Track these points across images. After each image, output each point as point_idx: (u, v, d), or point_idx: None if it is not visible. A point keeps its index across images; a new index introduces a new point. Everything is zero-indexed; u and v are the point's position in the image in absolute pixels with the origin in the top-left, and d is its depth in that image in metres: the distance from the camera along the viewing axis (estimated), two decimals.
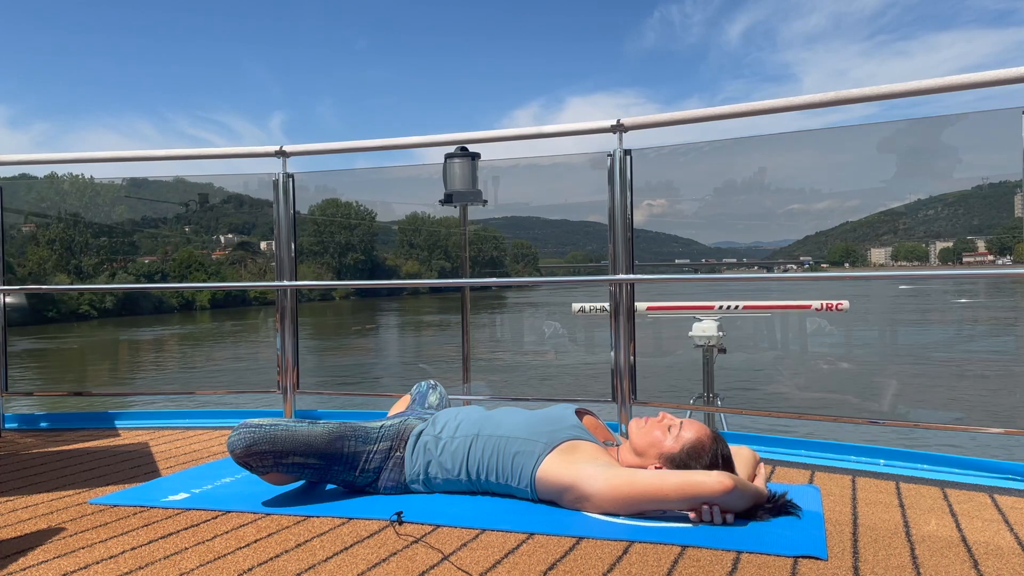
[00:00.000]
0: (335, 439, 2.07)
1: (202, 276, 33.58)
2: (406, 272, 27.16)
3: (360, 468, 2.10)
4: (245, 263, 35.39)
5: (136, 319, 30.90)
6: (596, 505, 1.88)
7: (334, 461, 2.07)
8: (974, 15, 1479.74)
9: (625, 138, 2.93)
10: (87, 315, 30.89)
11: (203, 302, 32.65)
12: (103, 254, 33.40)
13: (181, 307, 32.88)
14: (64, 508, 2.04)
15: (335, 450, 2.07)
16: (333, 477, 2.10)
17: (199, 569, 1.57)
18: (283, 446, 2.01)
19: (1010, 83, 2.27)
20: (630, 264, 2.94)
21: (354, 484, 2.12)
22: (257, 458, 1.99)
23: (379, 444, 2.13)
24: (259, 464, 2.01)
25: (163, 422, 3.37)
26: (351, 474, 2.10)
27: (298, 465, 2.04)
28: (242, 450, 1.98)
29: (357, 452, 2.10)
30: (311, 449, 2.04)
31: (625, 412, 2.93)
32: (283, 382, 3.37)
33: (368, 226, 28.70)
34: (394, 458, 2.13)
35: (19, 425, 3.41)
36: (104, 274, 32.31)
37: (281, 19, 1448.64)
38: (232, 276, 34.35)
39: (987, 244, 12.97)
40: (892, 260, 14.15)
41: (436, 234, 23.43)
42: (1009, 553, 1.63)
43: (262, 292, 31.04)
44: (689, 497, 1.78)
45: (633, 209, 2.95)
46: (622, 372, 2.94)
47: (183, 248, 35.69)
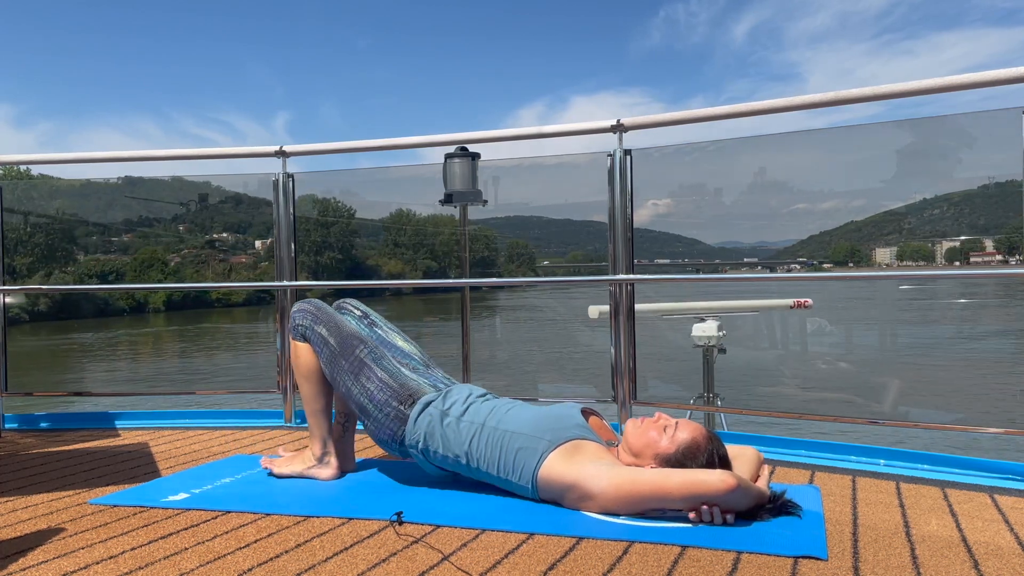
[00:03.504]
0: (353, 338, 2.24)
1: (158, 276, 30.99)
2: (388, 272, 26.59)
3: (361, 383, 2.17)
4: (209, 263, 33.01)
5: (75, 323, 27.02)
6: (599, 504, 1.88)
7: (344, 355, 2.21)
8: (980, 14, 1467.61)
9: (628, 138, 2.93)
10: (17, 319, 27.91)
11: (157, 304, 29.85)
12: (37, 252, 30.49)
13: (132, 309, 30.12)
14: (64, 508, 2.04)
15: (348, 347, 2.22)
16: (338, 372, 2.21)
17: (199, 569, 1.57)
18: (323, 317, 2.28)
19: (1010, 83, 2.26)
20: (630, 264, 2.94)
21: (351, 394, 2.18)
22: (302, 314, 2.30)
23: (389, 379, 2.17)
24: (300, 320, 2.29)
25: (163, 422, 3.37)
26: (352, 380, 2.18)
27: (322, 338, 2.25)
28: (301, 303, 2.35)
29: (364, 363, 2.19)
30: (336, 331, 2.25)
31: (625, 412, 2.94)
32: (283, 382, 3.37)
33: (346, 223, 27.92)
34: (395, 408, 2.14)
35: (19, 425, 3.41)
36: (39, 274, 29.81)
37: (284, 19, 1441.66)
38: (192, 277, 31.66)
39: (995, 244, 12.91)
40: (897, 260, 14.09)
41: (422, 233, 23.02)
42: (1009, 553, 1.63)
43: (226, 294, 29.52)
44: (693, 495, 1.78)
45: (633, 209, 2.95)
46: (622, 372, 2.94)
47: (143, 248, 33.37)
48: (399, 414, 2.14)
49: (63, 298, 26.25)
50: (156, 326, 29.17)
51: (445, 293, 17.88)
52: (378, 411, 2.15)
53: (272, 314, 3.51)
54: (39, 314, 26.51)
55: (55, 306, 26.72)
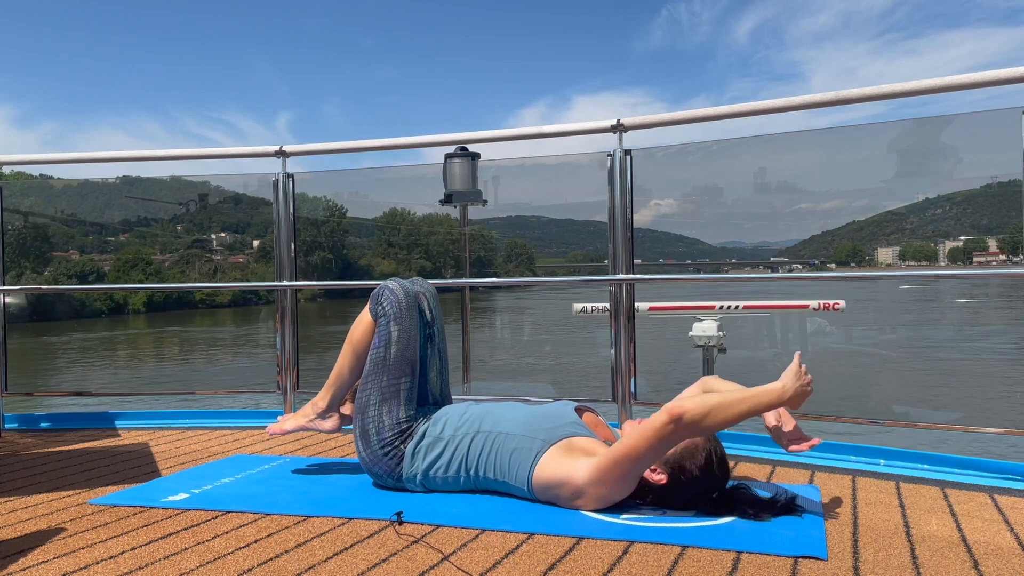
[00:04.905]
0: (407, 364, 2.17)
1: (139, 277, 29.86)
2: (380, 272, 26.06)
3: (382, 410, 2.14)
4: (194, 263, 31.76)
5: (52, 325, 25.04)
6: (591, 496, 1.88)
7: (389, 370, 2.16)
8: (984, 13, 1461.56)
9: (628, 138, 2.93)
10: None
11: (137, 305, 28.62)
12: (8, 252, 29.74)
13: (111, 311, 28.33)
14: (64, 508, 2.04)
15: (398, 369, 2.16)
16: (374, 378, 2.17)
17: (199, 569, 1.57)
18: (404, 317, 2.19)
19: (1010, 83, 2.26)
20: (630, 264, 2.94)
21: (366, 408, 2.16)
22: (391, 301, 2.20)
23: (404, 422, 2.14)
24: (386, 304, 2.20)
25: (163, 422, 3.37)
26: (377, 399, 2.15)
27: (387, 337, 2.18)
28: (398, 285, 2.23)
29: (397, 395, 2.15)
30: (402, 343, 2.17)
31: (625, 412, 2.94)
32: (283, 382, 3.37)
33: (337, 223, 27.22)
34: (397, 449, 2.12)
35: (19, 425, 3.41)
36: (10, 274, 28.41)
37: (287, 18, 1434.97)
38: (173, 278, 30.58)
39: (999, 243, 12.85)
40: (900, 260, 14.00)
41: (416, 232, 22.69)
42: (1009, 553, 1.63)
43: (210, 294, 28.61)
44: (655, 439, 1.80)
45: (633, 209, 2.95)
46: (622, 372, 2.94)
47: (126, 248, 32.09)
48: (398, 453, 2.13)
49: (36, 299, 23.91)
50: (136, 327, 27.50)
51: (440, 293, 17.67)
52: (379, 447, 2.13)
53: (272, 315, 3.50)
54: (10, 316, 25.48)
55: (28, 307, 24.40)
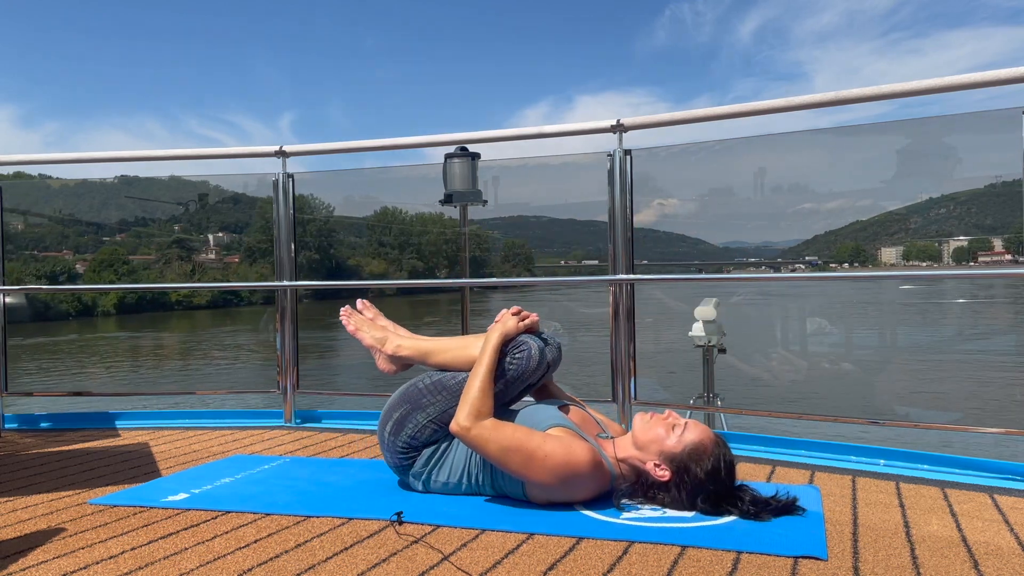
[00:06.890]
0: (434, 383, 2.12)
1: (111, 277, 27.93)
2: (370, 272, 25.66)
3: (434, 419, 2.09)
4: (171, 263, 29.72)
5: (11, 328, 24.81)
6: (534, 484, 1.93)
7: (457, 397, 2.06)
8: (987, 12, 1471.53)
9: (629, 138, 2.93)
10: None
11: (107, 307, 26.78)
12: None
13: (79, 313, 26.66)
14: (64, 508, 2.04)
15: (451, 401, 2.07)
16: (443, 395, 2.11)
17: (199, 569, 1.57)
18: (512, 387, 2.10)
19: (1011, 83, 2.26)
20: (630, 264, 2.94)
21: (416, 406, 2.11)
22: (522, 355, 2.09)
23: (438, 436, 2.11)
24: (512, 355, 2.09)
25: (163, 422, 3.37)
26: (430, 405, 2.10)
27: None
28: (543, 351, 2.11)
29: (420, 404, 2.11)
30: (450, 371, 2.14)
31: (625, 412, 2.93)
32: (283, 382, 3.37)
33: (324, 222, 26.72)
34: (418, 451, 2.12)
35: (19, 425, 3.41)
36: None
37: (290, 19, 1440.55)
38: (148, 278, 28.98)
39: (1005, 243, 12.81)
40: (903, 260, 13.98)
41: (408, 232, 22.32)
42: (1009, 553, 1.63)
43: (188, 295, 27.76)
44: None
45: (633, 209, 2.95)
46: (622, 372, 2.94)
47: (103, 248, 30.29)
48: (415, 456, 2.12)
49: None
50: (106, 331, 25.96)
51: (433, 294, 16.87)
52: (402, 445, 2.11)
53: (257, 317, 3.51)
54: None
55: None
